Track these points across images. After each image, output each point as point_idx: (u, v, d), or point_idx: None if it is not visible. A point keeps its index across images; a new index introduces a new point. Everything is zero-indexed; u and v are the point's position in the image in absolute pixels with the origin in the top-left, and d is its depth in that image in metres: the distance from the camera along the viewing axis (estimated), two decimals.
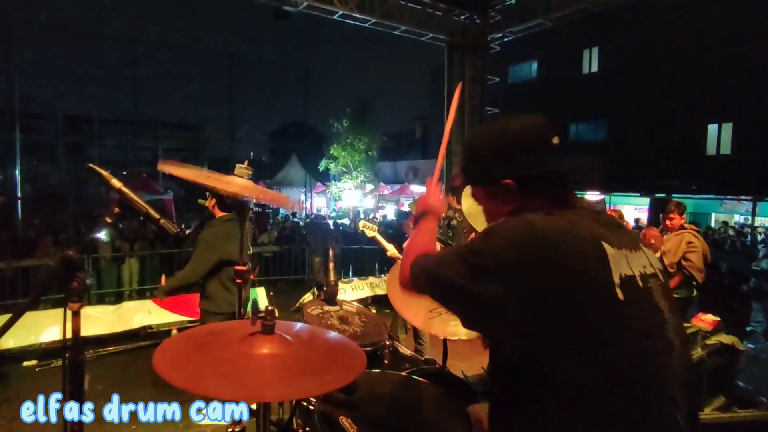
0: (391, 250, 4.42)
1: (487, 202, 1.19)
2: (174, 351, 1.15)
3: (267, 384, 1.07)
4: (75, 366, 1.16)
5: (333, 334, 1.49)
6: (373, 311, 2.88)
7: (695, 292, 5.00)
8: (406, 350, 2.42)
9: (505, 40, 9.41)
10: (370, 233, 4.06)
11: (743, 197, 15.93)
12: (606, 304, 0.89)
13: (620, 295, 0.90)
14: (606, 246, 0.94)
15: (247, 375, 1.08)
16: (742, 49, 14.82)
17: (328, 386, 1.10)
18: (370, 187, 25.48)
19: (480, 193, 1.21)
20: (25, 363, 5.18)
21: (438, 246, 4.74)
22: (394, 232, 12.59)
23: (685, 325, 3.49)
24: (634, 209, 17.38)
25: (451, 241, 3.35)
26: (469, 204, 2.38)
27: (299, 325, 1.44)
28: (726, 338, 3.84)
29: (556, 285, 0.88)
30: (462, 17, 8.97)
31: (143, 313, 6.16)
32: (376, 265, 9.64)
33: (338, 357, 1.25)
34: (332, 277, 2.52)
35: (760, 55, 14.39)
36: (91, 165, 1.29)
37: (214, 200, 3.31)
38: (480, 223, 2.33)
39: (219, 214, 3.33)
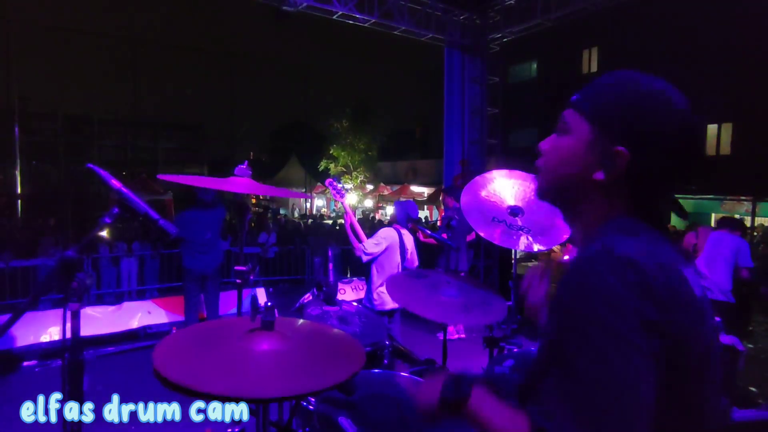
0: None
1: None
2: (174, 348, 1.16)
3: (267, 380, 1.07)
4: (75, 366, 1.17)
5: (332, 330, 1.49)
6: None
7: None
8: (406, 350, 2.42)
9: (505, 40, 9.40)
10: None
11: (743, 197, 15.92)
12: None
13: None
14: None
15: (248, 371, 1.08)
16: (742, 49, 14.82)
17: (328, 381, 1.10)
18: (370, 187, 25.49)
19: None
20: (25, 363, 5.18)
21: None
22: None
23: None
24: None
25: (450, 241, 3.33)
26: (467, 200, 2.36)
27: (299, 321, 1.45)
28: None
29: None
30: (461, 17, 8.96)
31: (143, 313, 6.18)
32: None
33: (338, 353, 1.25)
34: (332, 277, 2.52)
35: (760, 54, 14.38)
36: (91, 165, 1.29)
37: None
38: (478, 221, 2.31)
39: None
